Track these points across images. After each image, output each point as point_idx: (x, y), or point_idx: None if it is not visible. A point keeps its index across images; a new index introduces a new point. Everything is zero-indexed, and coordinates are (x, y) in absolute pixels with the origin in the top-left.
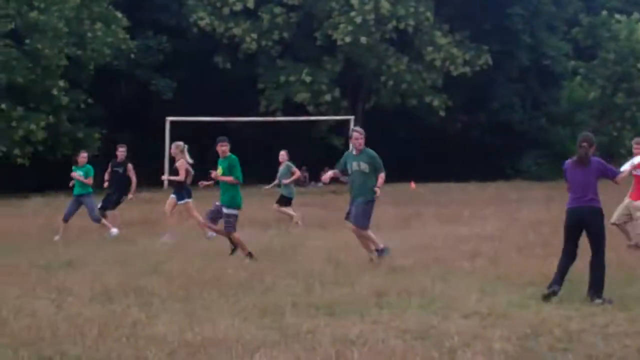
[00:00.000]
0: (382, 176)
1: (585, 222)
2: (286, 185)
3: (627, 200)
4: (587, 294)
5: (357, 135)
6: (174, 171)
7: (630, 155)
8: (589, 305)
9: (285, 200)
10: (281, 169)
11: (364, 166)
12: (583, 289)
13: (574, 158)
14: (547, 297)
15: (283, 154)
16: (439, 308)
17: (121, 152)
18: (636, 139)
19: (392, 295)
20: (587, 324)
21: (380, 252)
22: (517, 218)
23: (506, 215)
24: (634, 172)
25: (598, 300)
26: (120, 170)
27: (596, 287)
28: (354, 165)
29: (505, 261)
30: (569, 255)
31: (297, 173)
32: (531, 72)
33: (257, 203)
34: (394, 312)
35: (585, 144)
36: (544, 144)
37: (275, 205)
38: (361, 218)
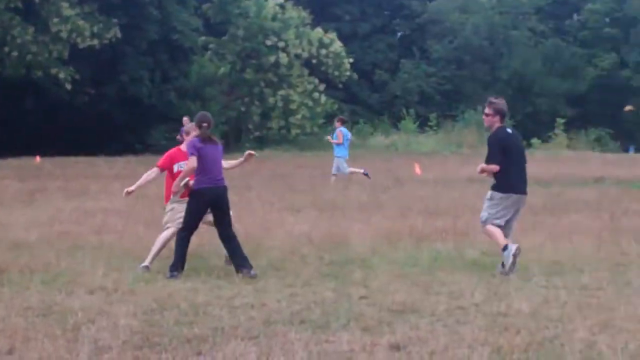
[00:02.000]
0: None
1: (219, 201)
2: None
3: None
4: (239, 270)
5: None
6: None
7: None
8: (215, 278)
9: None
10: None
11: None
12: (209, 261)
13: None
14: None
15: None
16: (63, 284)
17: None
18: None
19: (13, 271)
20: (213, 296)
21: None
22: (145, 193)
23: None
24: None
25: (254, 272)
26: None
27: (244, 259)
28: None
29: (132, 236)
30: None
31: None
32: (161, 46)
33: None
34: (16, 289)
35: (205, 124)
36: (174, 118)
37: None
38: None
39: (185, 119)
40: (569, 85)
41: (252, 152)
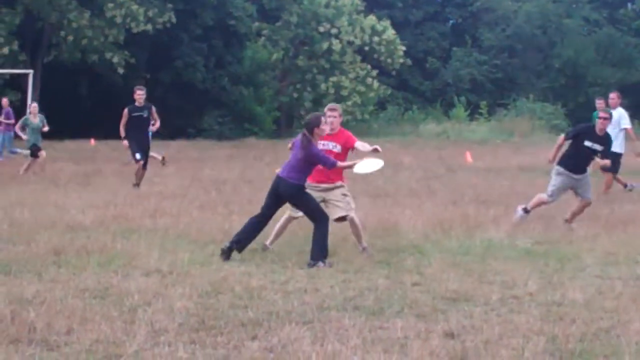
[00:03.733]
0: None
1: (277, 190)
2: None
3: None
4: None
5: None
6: None
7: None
8: (269, 262)
9: None
10: None
11: None
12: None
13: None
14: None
15: None
16: (119, 266)
17: (140, 95)
18: None
19: (70, 253)
20: (267, 280)
21: None
22: (199, 176)
23: (188, 174)
24: None
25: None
26: (145, 114)
27: (312, 252)
28: None
29: (187, 219)
30: (262, 217)
31: None
32: (215, 32)
33: None
34: (73, 270)
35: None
36: (226, 103)
37: None
38: None
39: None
40: (622, 74)
41: (378, 148)
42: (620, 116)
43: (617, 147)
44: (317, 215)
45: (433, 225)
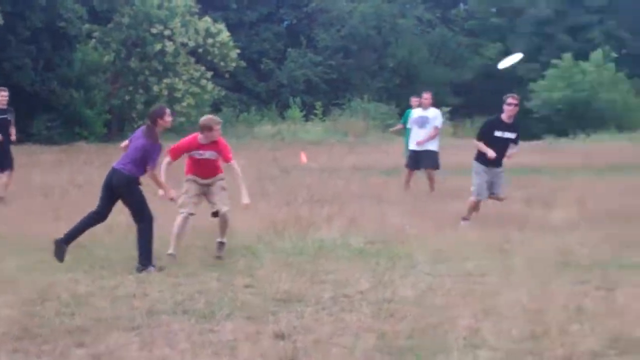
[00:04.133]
0: None
1: (110, 182)
2: None
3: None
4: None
5: None
6: None
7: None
8: (98, 268)
9: None
10: None
11: None
12: (92, 252)
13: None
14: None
15: None
16: None
17: (4, 96)
18: None
19: None
20: (96, 287)
21: None
22: (27, 182)
23: (16, 180)
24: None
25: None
26: (9, 117)
27: (140, 257)
28: None
29: (13, 226)
30: (97, 211)
31: None
32: (44, 33)
33: None
34: None
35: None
36: (56, 107)
37: None
38: None
39: None
40: (454, 74)
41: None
42: (435, 115)
43: (433, 145)
44: (143, 215)
45: (266, 226)
